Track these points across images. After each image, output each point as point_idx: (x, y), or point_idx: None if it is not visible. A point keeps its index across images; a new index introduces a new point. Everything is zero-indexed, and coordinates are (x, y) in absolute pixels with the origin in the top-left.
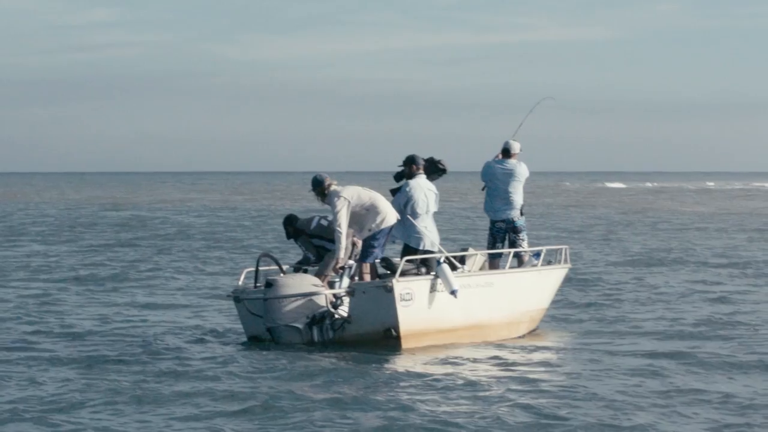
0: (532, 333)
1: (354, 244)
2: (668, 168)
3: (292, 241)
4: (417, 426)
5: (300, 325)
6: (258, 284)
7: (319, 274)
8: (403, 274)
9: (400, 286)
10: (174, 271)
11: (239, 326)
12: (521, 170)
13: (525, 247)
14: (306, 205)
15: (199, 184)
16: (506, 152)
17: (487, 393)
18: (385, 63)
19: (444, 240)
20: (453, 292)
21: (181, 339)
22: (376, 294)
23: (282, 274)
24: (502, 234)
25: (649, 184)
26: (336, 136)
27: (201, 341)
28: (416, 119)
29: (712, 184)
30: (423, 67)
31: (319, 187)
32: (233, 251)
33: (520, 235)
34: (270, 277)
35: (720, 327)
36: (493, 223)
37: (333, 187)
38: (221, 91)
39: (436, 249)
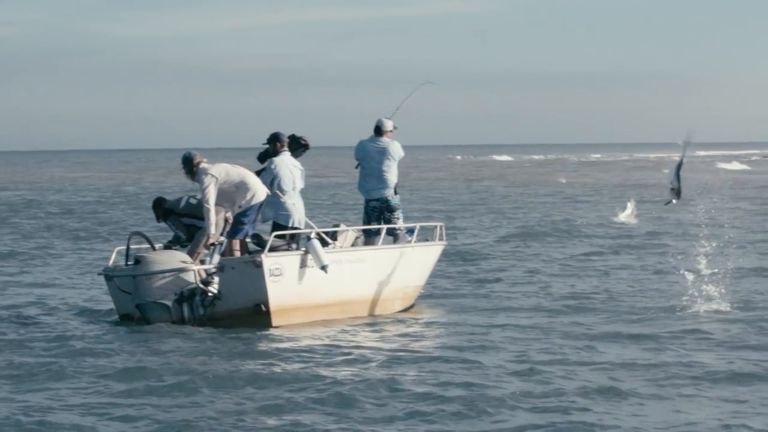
0: (407, 309)
1: (226, 221)
2: (554, 140)
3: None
4: (300, 403)
5: (168, 302)
6: (129, 262)
7: (191, 252)
8: (273, 249)
9: (269, 261)
10: (54, 250)
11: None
12: (394, 148)
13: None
14: (186, 183)
15: (82, 163)
16: (378, 130)
17: (360, 366)
18: (271, 38)
19: (323, 216)
20: (323, 268)
21: (57, 318)
22: (245, 270)
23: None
24: (376, 213)
25: (535, 157)
26: (221, 112)
27: (76, 320)
28: (301, 94)
29: (597, 155)
30: (307, 42)
31: (188, 164)
32: (115, 230)
33: (395, 213)
34: (138, 254)
35: (595, 299)
36: (367, 202)
37: (202, 165)
38: (104, 69)
39: (303, 225)
